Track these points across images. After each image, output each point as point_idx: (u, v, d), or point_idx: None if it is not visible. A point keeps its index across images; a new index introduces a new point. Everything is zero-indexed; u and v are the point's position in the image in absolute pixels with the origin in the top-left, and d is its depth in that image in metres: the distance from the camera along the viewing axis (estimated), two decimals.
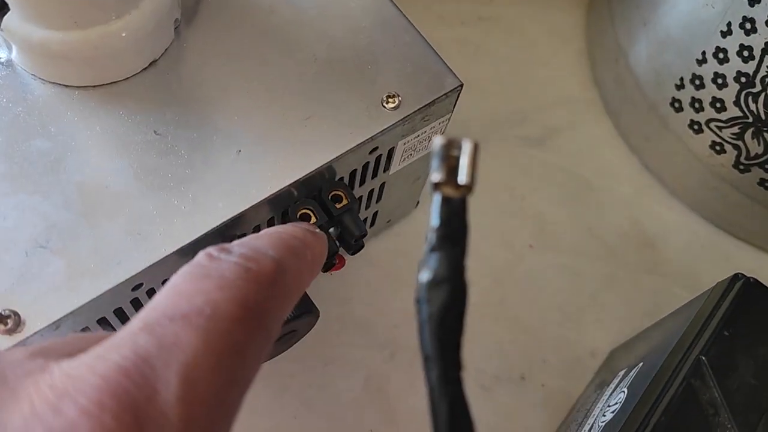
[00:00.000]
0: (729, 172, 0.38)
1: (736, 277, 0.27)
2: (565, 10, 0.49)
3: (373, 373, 0.38)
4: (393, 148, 0.31)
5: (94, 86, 0.28)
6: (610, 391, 0.31)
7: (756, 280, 0.27)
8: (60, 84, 0.28)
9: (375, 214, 0.37)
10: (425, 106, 0.30)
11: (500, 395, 0.38)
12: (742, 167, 0.37)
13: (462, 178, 0.17)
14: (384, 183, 0.34)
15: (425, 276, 0.17)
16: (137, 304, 0.27)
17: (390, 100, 0.29)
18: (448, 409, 0.17)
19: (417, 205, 0.41)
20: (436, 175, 0.17)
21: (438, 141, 0.17)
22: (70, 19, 0.26)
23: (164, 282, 0.27)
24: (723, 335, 0.25)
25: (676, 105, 0.38)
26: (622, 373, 0.31)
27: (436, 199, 0.17)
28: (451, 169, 0.17)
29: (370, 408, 0.37)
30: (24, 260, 0.25)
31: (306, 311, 0.28)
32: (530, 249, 0.41)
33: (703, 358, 0.25)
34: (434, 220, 0.17)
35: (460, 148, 0.17)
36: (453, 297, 0.17)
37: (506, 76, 0.46)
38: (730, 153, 0.37)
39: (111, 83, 0.28)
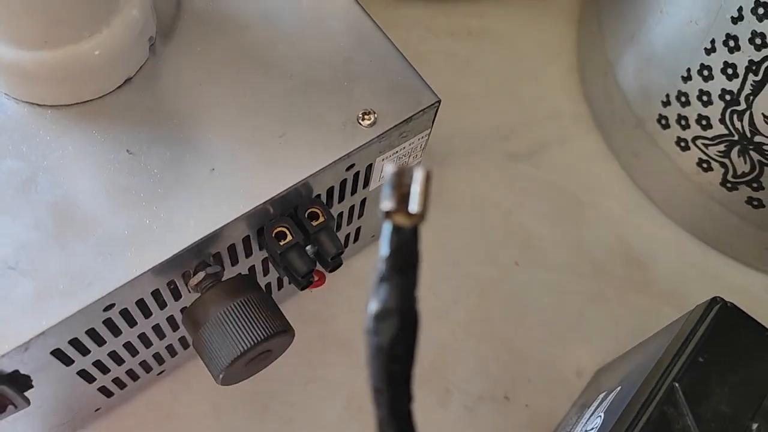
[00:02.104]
0: (717, 189, 0.38)
1: (714, 300, 0.27)
2: (555, 24, 0.49)
3: (355, 393, 0.37)
4: (371, 164, 0.31)
5: (68, 105, 0.28)
6: (589, 414, 0.30)
7: (733, 305, 0.26)
8: (33, 103, 0.28)
9: (358, 229, 0.37)
10: (402, 122, 0.29)
11: (484, 415, 0.37)
12: (729, 185, 0.37)
13: (413, 206, 0.17)
14: (365, 199, 0.34)
15: (374, 307, 0.17)
16: (110, 324, 0.27)
17: (366, 117, 0.29)
18: None
19: None
20: (386, 204, 0.17)
21: (389, 169, 0.17)
22: (41, 38, 0.26)
23: (137, 302, 0.27)
24: (698, 361, 0.25)
25: (663, 122, 0.38)
26: (601, 396, 0.31)
27: (386, 228, 0.17)
28: (403, 197, 0.17)
29: (352, 428, 0.37)
30: None
31: (281, 330, 0.28)
32: (516, 266, 0.41)
33: (677, 384, 0.24)
34: (384, 250, 0.17)
35: (411, 176, 0.17)
36: (402, 328, 0.17)
37: (495, 90, 0.46)
38: (717, 171, 0.37)
39: (84, 102, 0.28)
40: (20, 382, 0.26)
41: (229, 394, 0.37)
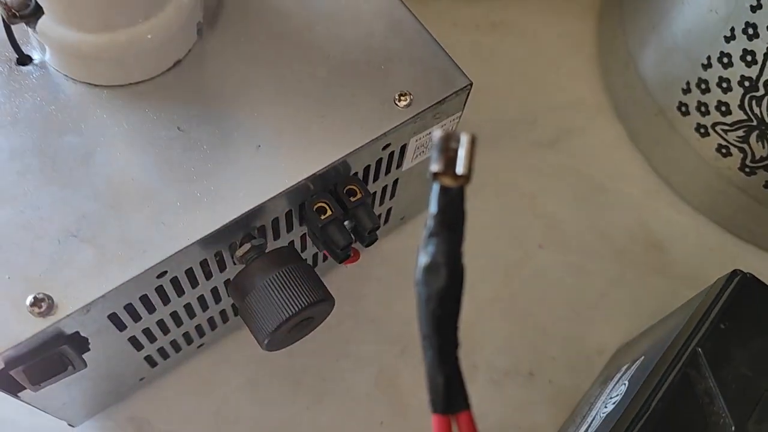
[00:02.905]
0: (735, 174, 0.39)
1: (735, 273, 0.28)
2: (577, 16, 0.50)
3: (384, 368, 0.39)
4: (405, 144, 0.32)
5: (122, 85, 0.30)
6: (613, 384, 0.32)
7: (753, 276, 0.28)
8: (90, 84, 0.30)
9: (389, 211, 0.38)
10: (436, 103, 0.31)
11: (509, 390, 0.39)
12: (747, 170, 0.38)
13: (460, 169, 0.18)
14: (397, 179, 0.35)
15: (423, 260, 0.18)
16: (161, 292, 0.29)
17: (402, 98, 0.30)
18: (445, 385, 0.18)
19: None
20: (435, 166, 0.18)
21: (437, 134, 0.18)
22: (101, 22, 0.27)
23: (186, 271, 0.29)
24: (720, 328, 0.26)
25: (683, 109, 0.39)
26: (624, 368, 0.32)
27: (435, 188, 0.18)
28: (450, 161, 0.18)
29: (381, 402, 0.38)
30: (56, 248, 0.27)
31: (322, 299, 0.29)
32: (540, 248, 0.42)
33: (700, 349, 0.26)
34: (433, 208, 0.18)
35: (458, 141, 0.18)
36: (450, 280, 0.18)
37: (519, 80, 0.47)
38: (736, 156, 0.38)
39: (138, 83, 0.30)
40: (80, 343, 0.28)
41: (265, 368, 0.38)
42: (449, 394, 0.18)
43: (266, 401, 0.38)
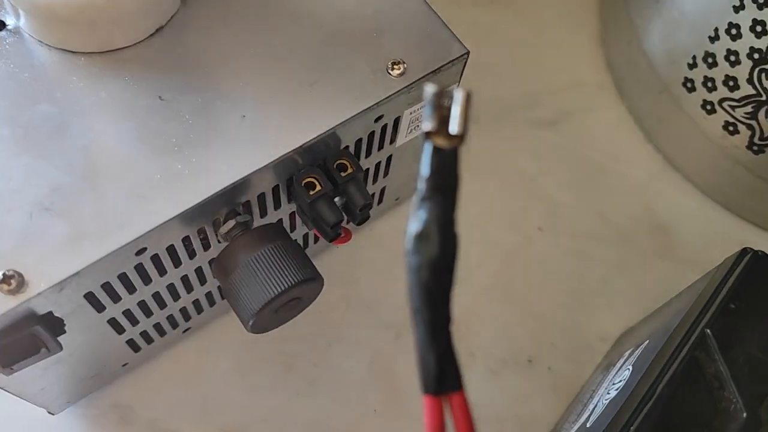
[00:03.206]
0: (743, 153, 0.37)
1: (744, 251, 0.27)
2: None
3: (378, 354, 0.37)
4: (399, 117, 0.31)
5: (100, 52, 0.28)
6: (616, 370, 0.30)
7: (765, 254, 0.26)
8: (66, 50, 0.28)
9: (383, 190, 0.37)
10: (431, 72, 0.29)
11: (508, 378, 0.37)
12: (755, 148, 0.37)
13: (454, 128, 0.17)
14: (391, 156, 0.34)
15: (414, 227, 0.17)
16: (141, 271, 0.28)
17: (395, 66, 0.29)
18: (436, 363, 0.17)
19: None
20: (427, 124, 0.17)
21: (429, 89, 0.17)
22: None
23: (168, 248, 0.27)
24: (729, 308, 0.25)
25: (689, 85, 0.38)
26: (627, 352, 0.31)
27: (427, 148, 0.17)
28: (443, 119, 0.17)
29: (375, 388, 0.37)
30: (28, 222, 0.25)
31: (310, 277, 0.28)
32: (539, 232, 0.41)
33: (708, 331, 0.24)
34: (425, 170, 0.17)
35: (452, 97, 0.17)
36: (442, 249, 0.17)
37: (518, 59, 0.46)
38: (744, 133, 0.37)
39: (117, 49, 0.28)
40: (54, 324, 0.26)
41: (253, 354, 0.37)
42: (441, 373, 0.17)
43: (255, 388, 0.36)
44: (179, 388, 0.36)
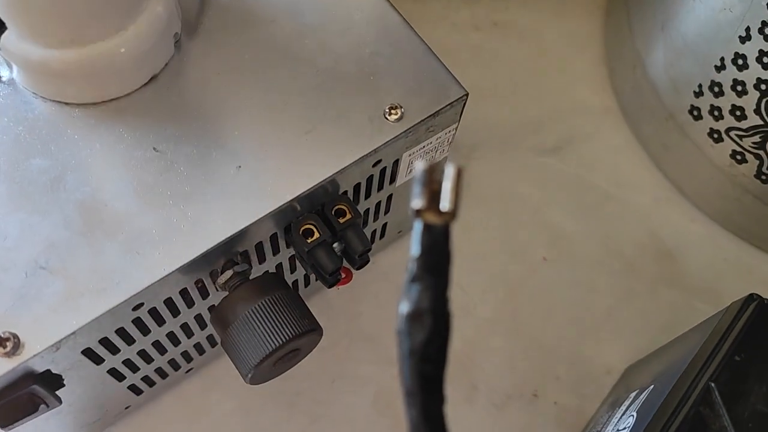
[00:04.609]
0: (750, 182, 0.37)
1: (751, 297, 0.26)
2: (581, 15, 0.48)
3: (382, 389, 0.37)
4: (398, 160, 0.30)
5: (95, 103, 0.28)
6: (621, 413, 0.30)
7: None
8: (60, 102, 0.28)
9: (384, 225, 0.36)
10: (429, 116, 0.29)
11: (512, 413, 0.37)
12: (764, 177, 0.36)
13: (445, 204, 0.16)
14: (391, 195, 0.33)
15: (406, 307, 0.16)
16: (139, 324, 0.27)
17: (393, 111, 0.29)
18: None
19: None
20: (417, 202, 0.16)
21: (419, 166, 0.16)
22: (67, 36, 0.26)
23: (166, 301, 0.27)
24: (734, 360, 0.24)
25: (695, 113, 0.37)
26: (633, 394, 0.30)
27: (417, 226, 0.17)
28: (434, 195, 0.17)
29: (380, 423, 0.36)
30: (23, 281, 0.25)
31: (310, 329, 0.27)
32: (544, 261, 0.40)
33: (713, 384, 0.24)
34: (415, 249, 0.17)
35: (443, 173, 0.17)
36: (435, 330, 0.16)
37: (521, 84, 0.45)
38: (752, 163, 0.36)
39: (111, 100, 0.28)
40: (52, 381, 0.26)
41: (257, 391, 0.36)
42: None
43: (259, 426, 0.36)
44: (183, 427, 0.36)
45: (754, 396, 0.23)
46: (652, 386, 0.28)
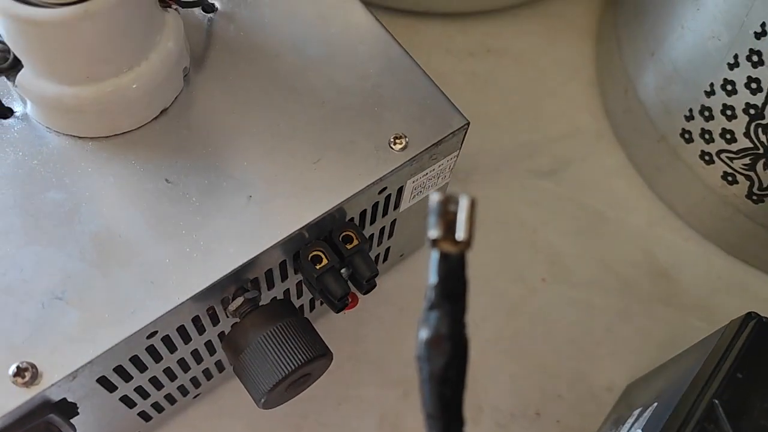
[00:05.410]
0: (742, 202, 0.38)
1: (749, 316, 0.27)
2: (573, 41, 0.49)
3: (387, 412, 0.38)
4: (402, 187, 0.31)
5: (107, 137, 0.29)
6: (626, 430, 0.30)
7: None
8: (74, 136, 0.28)
9: (387, 249, 0.37)
10: (432, 145, 0.30)
11: None
12: (755, 198, 0.37)
13: (460, 234, 0.17)
14: (395, 220, 0.34)
15: (425, 334, 0.17)
16: (152, 351, 0.28)
17: (397, 141, 0.29)
18: None
19: None
20: (433, 232, 0.17)
21: (435, 197, 0.17)
22: (83, 74, 0.26)
23: (178, 329, 0.28)
24: (736, 377, 0.25)
25: (686, 136, 0.38)
26: (637, 412, 0.31)
27: (434, 255, 0.17)
28: (449, 225, 0.17)
29: None
30: (40, 312, 0.26)
31: (321, 354, 0.28)
32: (543, 283, 0.41)
33: (717, 401, 0.25)
34: (433, 278, 0.17)
35: (457, 203, 0.17)
36: (454, 355, 0.17)
37: (516, 108, 0.46)
38: (743, 184, 0.37)
39: (123, 133, 0.29)
40: (67, 409, 0.26)
41: (263, 414, 0.37)
42: None
43: None
44: None
45: (758, 412, 0.24)
46: (655, 404, 0.29)
